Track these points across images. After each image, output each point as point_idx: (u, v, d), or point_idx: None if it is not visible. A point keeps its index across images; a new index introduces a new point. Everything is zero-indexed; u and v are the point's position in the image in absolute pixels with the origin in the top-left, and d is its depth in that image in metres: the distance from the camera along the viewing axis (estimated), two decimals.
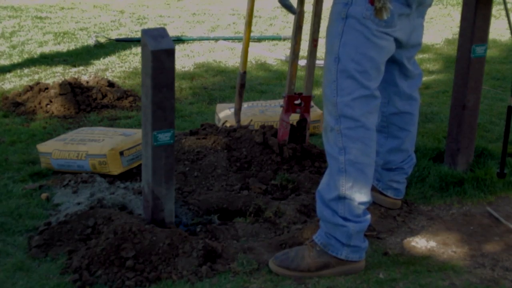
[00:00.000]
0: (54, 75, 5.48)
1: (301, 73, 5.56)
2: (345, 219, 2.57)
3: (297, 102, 3.56)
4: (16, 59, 5.98)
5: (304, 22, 3.58)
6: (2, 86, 5.18)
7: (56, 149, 3.55)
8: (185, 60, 6.05)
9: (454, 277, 2.63)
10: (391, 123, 2.99)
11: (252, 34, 3.08)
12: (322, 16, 3.62)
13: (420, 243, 2.91)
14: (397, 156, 3.05)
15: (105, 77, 5.31)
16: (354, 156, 2.53)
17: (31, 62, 5.90)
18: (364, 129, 2.54)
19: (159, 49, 2.61)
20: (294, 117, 3.87)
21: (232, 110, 4.02)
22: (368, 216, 2.64)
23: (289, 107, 3.55)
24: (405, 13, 2.57)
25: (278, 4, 3.48)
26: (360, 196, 2.56)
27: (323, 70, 2.65)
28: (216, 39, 6.77)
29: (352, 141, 2.53)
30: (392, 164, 3.07)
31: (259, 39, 6.76)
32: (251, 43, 3.09)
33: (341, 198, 2.56)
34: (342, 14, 2.52)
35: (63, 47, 6.45)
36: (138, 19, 7.85)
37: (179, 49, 6.31)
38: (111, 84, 4.93)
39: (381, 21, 2.48)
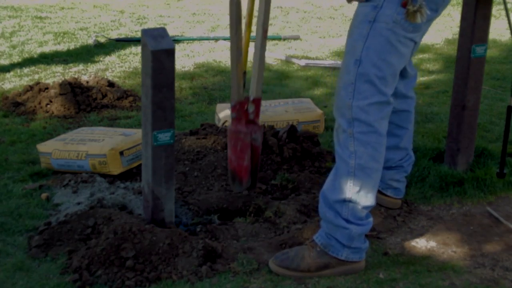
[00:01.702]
0: (54, 75, 5.48)
1: (301, 73, 5.56)
2: (347, 221, 2.56)
3: (248, 107, 2.91)
4: (16, 59, 5.98)
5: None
6: (2, 86, 5.18)
7: (56, 149, 3.55)
8: (185, 60, 6.05)
9: (454, 277, 2.63)
10: (390, 122, 2.98)
11: (252, 34, 3.07)
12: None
13: (420, 243, 2.91)
14: (396, 154, 3.05)
15: (105, 77, 5.31)
16: (365, 161, 2.52)
17: (31, 62, 5.90)
18: (376, 134, 2.52)
19: (159, 49, 2.61)
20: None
21: None
22: (371, 219, 2.64)
23: (241, 115, 2.89)
24: (432, 17, 2.54)
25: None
26: (366, 200, 2.56)
27: (340, 70, 2.60)
28: (216, 39, 6.77)
29: (364, 146, 2.51)
30: (391, 162, 3.06)
31: None
32: (251, 43, 3.08)
33: (346, 201, 2.55)
34: (369, 17, 2.46)
35: (63, 47, 6.45)
36: (138, 19, 7.85)
37: (179, 49, 6.31)
38: (111, 84, 4.93)
39: (409, 26, 2.43)
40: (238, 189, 3.01)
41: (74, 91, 4.63)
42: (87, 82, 4.92)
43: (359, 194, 2.54)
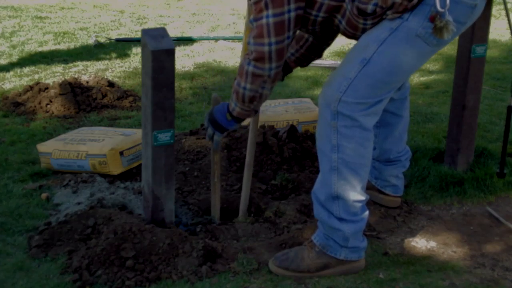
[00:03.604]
0: (54, 75, 5.48)
1: (301, 73, 5.56)
2: (340, 219, 2.54)
3: None
4: (16, 59, 5.98)
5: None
6: (2, 86, 5.18)
7: (56, 149, 3.55)
8: (185, 60, 6.05)
9: (454, 277, 2.62)
10: (385, 110, 2.94)
11: None
12: None
13: (420, 243, 2.91)
14: (393, 144, 3.03)
15: (105, 77, 5.31)
16: (348, 156, 2.47)
17: (31, 62, 5.91)
18: (360, 129, 2.46)
19: (159, 49, 2.61)
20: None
21: None
22: (366, 213, 2.60)
23: None
24: (459, 31, 2.47)
25: None
26: (355, 194, 2.52)
27: (342, 61, 2.54)
28: (216, 39, 6.77)
29: (347, 140, 2.46)
30: (390, 153, 3.04)
31: None
32: None
33: (335, 198, 2.52)
34: (393, 25, 2.40)
35: (63, 47, 6.45)
36: (138, 19, 7.85)
37: (179, 49, 6.31)
38: (111, 84, 4.93)
39: (433, 40, 2.38)
40: None
41: (74, 91, 4.63)
42: (87, 82, 4.92)
43: (346, 189, 2.50)
